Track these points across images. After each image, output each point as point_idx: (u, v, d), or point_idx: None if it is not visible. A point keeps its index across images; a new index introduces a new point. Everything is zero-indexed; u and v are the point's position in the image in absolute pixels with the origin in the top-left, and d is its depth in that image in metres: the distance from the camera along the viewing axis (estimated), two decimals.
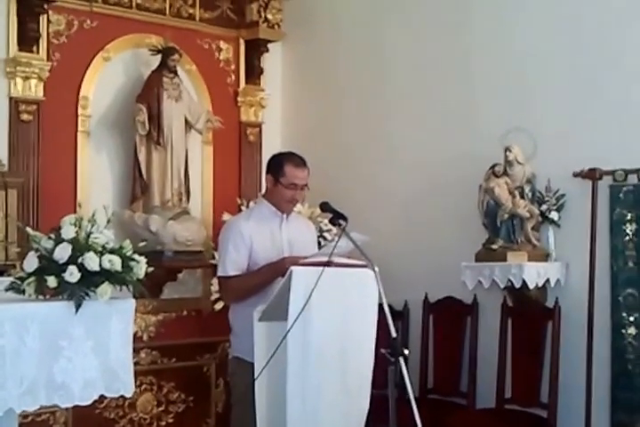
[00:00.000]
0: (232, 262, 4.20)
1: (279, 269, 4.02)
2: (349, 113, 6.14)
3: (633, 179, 4.85)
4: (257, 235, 4.22)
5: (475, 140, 5.41)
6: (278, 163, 4.29)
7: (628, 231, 4.87)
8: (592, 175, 4.96)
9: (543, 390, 5.04)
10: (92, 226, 3.55)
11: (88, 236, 3.50)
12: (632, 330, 4.85)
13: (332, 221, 4.11)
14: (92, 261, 3.42)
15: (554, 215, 5.08)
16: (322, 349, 3.90)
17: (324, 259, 3.91)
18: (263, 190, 5.81)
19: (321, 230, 5.52)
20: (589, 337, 4.97)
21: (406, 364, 3.46)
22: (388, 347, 3.49)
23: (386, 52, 5.96)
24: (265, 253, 4.20)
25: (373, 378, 4.06)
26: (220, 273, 4.26)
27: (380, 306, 3.73)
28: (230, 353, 4.36)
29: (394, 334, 3.54)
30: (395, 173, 5.86)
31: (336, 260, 3.93)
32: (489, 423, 4.94)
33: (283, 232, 4.29)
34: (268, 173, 4.34)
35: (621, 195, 4.88)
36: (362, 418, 4.06)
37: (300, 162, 4.27)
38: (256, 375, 3.89)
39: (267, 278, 4.11)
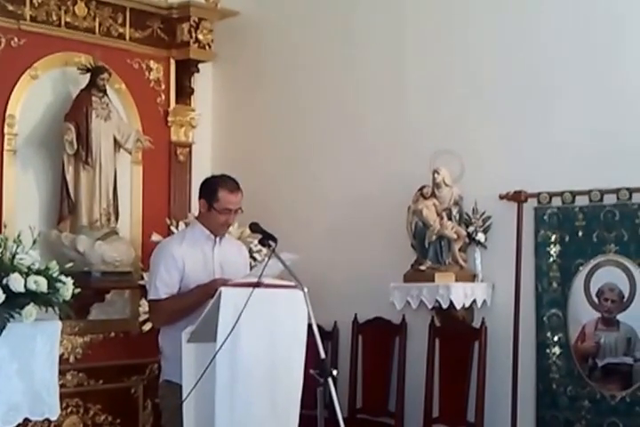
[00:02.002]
0: (163, 285, 4.18)
1: (209, 290, 4.01)
2: (279, 134, 6.17)
3: (557, 201, 4.95)
4: (189, 258, 4.22)
5: (403, 162, 5.47)
6: (212, 188, 4.27)
7: (552, 253, 4.97)
8: (517, 198, 5.06)
9: (470, 410, 5.09)
10: (18, 246, 3.53)
11: (13, 256, 3.48)
12: (556, 350, 4.93)
13: (261, 242, 4.13)
14: (16, 283, 3.39)
15: (480, 237, 5.16)
16: (250, 370, 3.91)
17: (254, 280, 3.93)
18: (196, 212, 5.84)
19: (251, 251, 5.52)
20: (515, 357, 5.04)
21: (335, 384, 3.49)
22: (316, 368, 3.51)
23: (314, 73, 6.00)
24: (197, 276, 4.20)
25: (302, 399, 4.06)
26: (151, 296, 4.24)
27: (310, 327, 3.74)
28: (161, 377, 4.33)
29: (323, 355, 3.58)
30: (323, 193, 5.89)
31: (265, 281, 3.94)
32: None
33: (215, 255, 4.29)
34: (200, 197, 4.32)
35: (546, 217, 4.98)
36: None
37: (233, 186, 4.26)
38: (184, 397, 3.87)
39: (197, 300, 4.10)
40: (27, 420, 3.68)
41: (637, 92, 4.77)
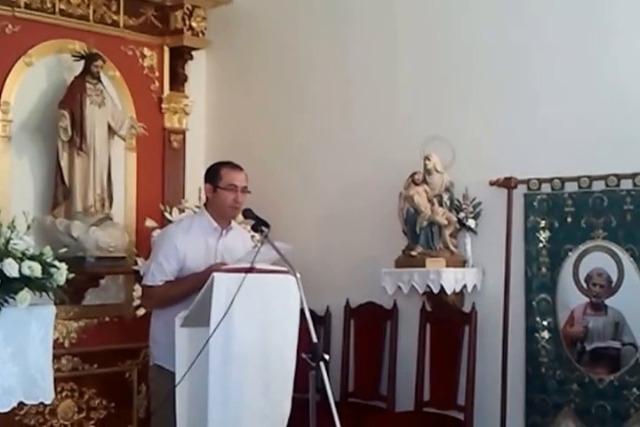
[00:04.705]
0: (160, 273, 4.21)
1: (204, 278, 4.03)
2: (272, 121, 6.19)
3: (546, 188, 4.98)
4: (191, 249, 4.25)
5: (394, 148, 5.50)
6: (215, 169, 4.34)
7: (541, 238, 5.00)
8: (507, 184, 5.09)
9: (460, 393, 5.13)
10: (12, 232, 3.55)
11: (7, 242, 3.51)
12: (545, 334, 4.97)
13: (254, 228, 4.16)
14: (11, 268, 3.42)
15: (471, 223, 5.19)
16: (243, 354, 3.94)
17: (247, 265, 3.96)
18: (190, 200, 5.88)
19: None
20: (505, 341, 5.08)
21: (327, 368, 3.52)
22: (309, 352, 3.54)
23: (307, 61, 6.02)
24: (197, 267, 4.23)
25: (295, 382, 4.11)
26: (146, 282, 4.27)
27: (302, 311, 3.77)
28: (151, 360, 4.37)
29: (315, 339, 3.60)
30: (316, 180, 5.93)
31: (258, 266, 3.97)
32: (408, 426, 5.04)
33: (219, 247, 4.31)
34: (206, 182, 4.36)
35: (535, 203, 5.01)
36: (283, 422, 4.11)
37: (236, 165, 4.36)
38: (177, 381, 3.91)
39: (191, 287, 4.13)
40: (22, 404, 3.73)
41: (626, 79, 4.79)
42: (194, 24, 6.11)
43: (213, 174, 4.31)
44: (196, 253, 4.25)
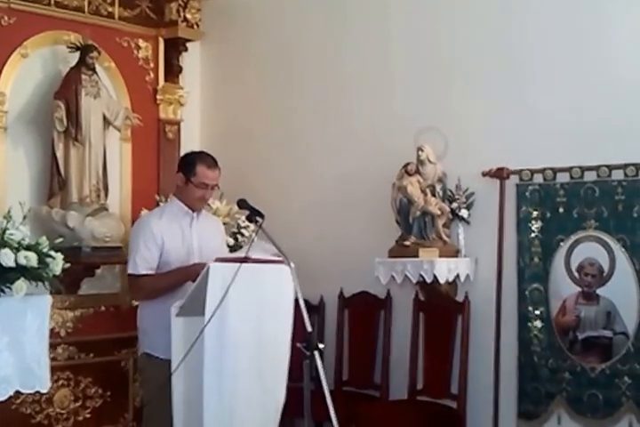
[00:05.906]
0: (143, 260, 4.25)
1: (190, 273, 4.11)
2: (266, 111, 6.21)
3: (538, 178, 5.01)
4: (168, 234, 4.29)
5: (388, 139, 5.53)
6: (190, 162, 4.36)
7: (533, 228, 5.03)
8: (500, 174, 5.12)
9: (453, 382, 5.18)
10: (8, 222, 3.58)
11: (3, 232, 3.53)
12: (538, 323, 5.01)
13: (249, 218, 4.19)
14: (7, 258, 3.44)
15: (464, 213, 5.23)
16: (238, 343, 3.98)
17: (242, 255, 3.99)
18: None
19: (238, 227, 5.60)
20: (497, 330, 5.12)
21: (321, 357, 3.55)
22: (303, 341, 3.57)
23: (302, 52, 6.03)
24: (175, 252, 4.28)
25: (289, 371, 4.15)
26: (130, 271, 4.31)
27: (296, 301, 3.80)
28: (140, 349, 4.40)
29: (309, 329, 3.63)
30: (309, 170, 5.95)
31: (253, 256, 4.00)
32: (401, 414, 5.07)
33: (193, 231, 4.36)
34: (179, 171, 4.39)
35: (527, 193, 5.04)
36: (278, 411, 4.15)
37: (211, 162, 4.35)
38: (173, 370, 3.94)
39: (177, 281, 4.20)
40: (18, 393, 3.76)
41: (619, 69, 4.82)
42: (188, 16, 6.13)
43: (188, 167, 4.34)
44: (173, 236, 4.30)
